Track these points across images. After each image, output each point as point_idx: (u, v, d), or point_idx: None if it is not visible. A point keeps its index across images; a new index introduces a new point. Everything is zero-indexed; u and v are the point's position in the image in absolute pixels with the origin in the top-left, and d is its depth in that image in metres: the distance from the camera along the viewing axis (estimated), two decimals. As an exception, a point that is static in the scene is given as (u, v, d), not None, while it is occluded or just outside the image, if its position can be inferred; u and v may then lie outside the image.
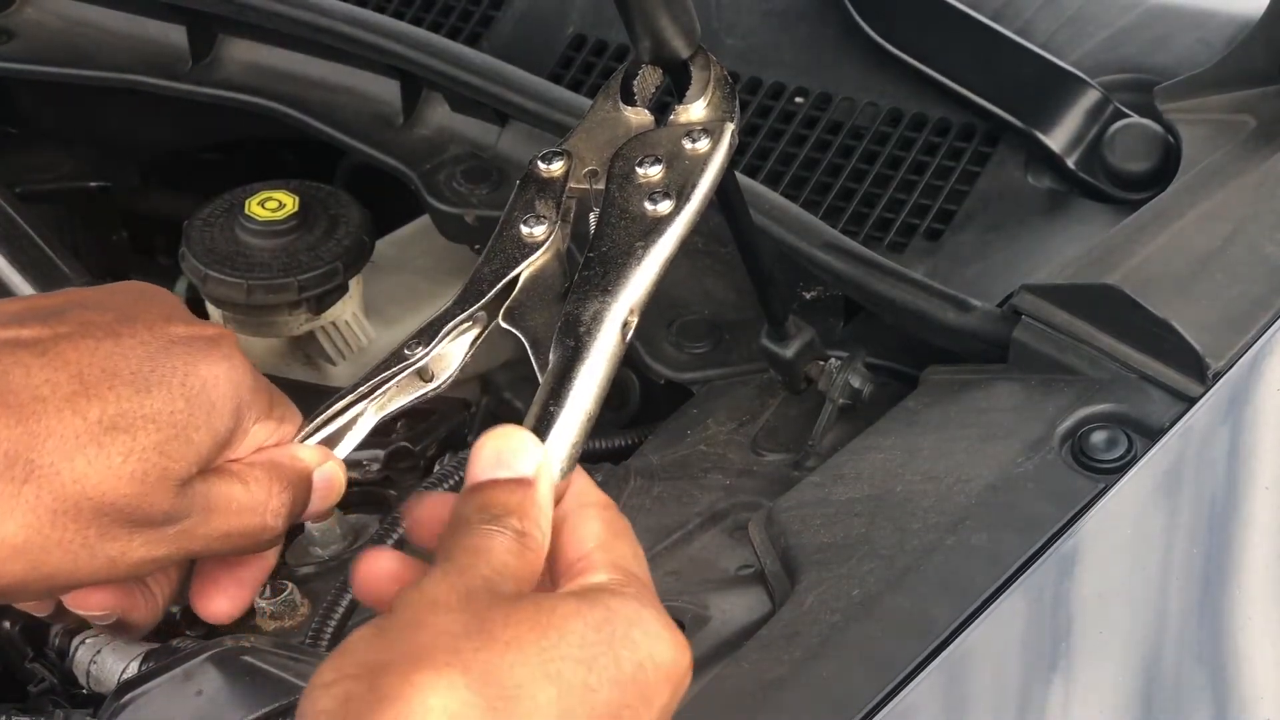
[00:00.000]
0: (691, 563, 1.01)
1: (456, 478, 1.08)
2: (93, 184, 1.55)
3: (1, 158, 1.54)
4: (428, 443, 1.26)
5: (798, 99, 1.34)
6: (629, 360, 1.26)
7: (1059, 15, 1.31)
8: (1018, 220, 1.21)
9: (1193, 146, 1.17)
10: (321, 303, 1.33)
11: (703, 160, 0.83)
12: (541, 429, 0.73)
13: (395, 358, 0.82)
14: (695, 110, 0.86)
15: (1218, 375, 0.95)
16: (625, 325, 0.78)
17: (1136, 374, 0.96)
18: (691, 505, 1.05)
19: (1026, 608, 0.86)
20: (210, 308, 1.36)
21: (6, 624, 1.13)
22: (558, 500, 0.71)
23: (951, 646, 0.83)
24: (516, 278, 0.82)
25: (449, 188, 1.34)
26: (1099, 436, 0.92)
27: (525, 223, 0.83)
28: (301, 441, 0.80)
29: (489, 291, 0.82)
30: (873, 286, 1.10)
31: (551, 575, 0.70)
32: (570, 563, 0.70)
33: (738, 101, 0.87)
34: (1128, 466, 0.91)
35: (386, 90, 1.42)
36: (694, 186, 0.82)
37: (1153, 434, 0.93)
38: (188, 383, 0.73)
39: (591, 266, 0.80)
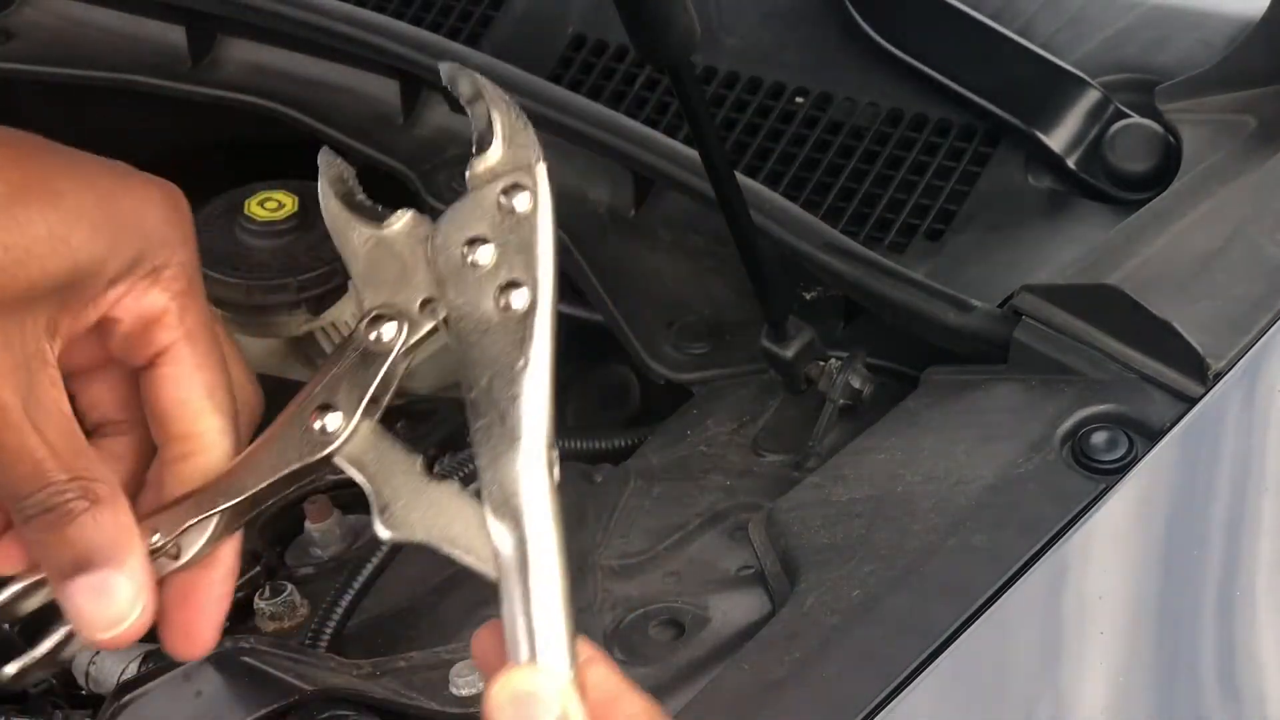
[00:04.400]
0: (691, 563, 1.01)
1: (457, 477, 1.07)
2: (92, 184, 1.55)
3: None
4: (427, 443, 1.26)
5: (798, 99, 1.34)
6: (629, 360, 1.26)
7: (1059, 15, 1.31)
8: (1018, 220, 1.21)
9: (1193, 147, 1.17)
10: (321, 303, 1.33)
11: (530, 221, 0.69)
12: (533, 640, 0.65)
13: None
14: (491, 156, 0.70)
15: (1218, 375, 0.94)
16: (550, 466, 0.68)
17: (1137, 374, 0.96)
18: (691, 506, 1.05)
19: (1026, 608, 0.86)
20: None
21: (5, 624, 1.13)
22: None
23: (952, 647, 0.83)
24: (297, 474, 0.70)
25: (449, 188, 1.34)
26: (1099, 437, 0.92)
27: (319, 412, 0.70)
28: None
29: (253, 488, 0.70)
30: (873, 287, 1.10)
31: None
32: None
33: (533, 132, 0.71)
34: (1128, 467, 0.91)
35: (386, 90, 1.42)
36: (538, 260, 0.68)
37: (1153, 434, 0.93)
38: None
39: (482, 413, 0.68)
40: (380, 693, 0.88)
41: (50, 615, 1.16)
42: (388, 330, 0.70)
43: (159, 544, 0.71)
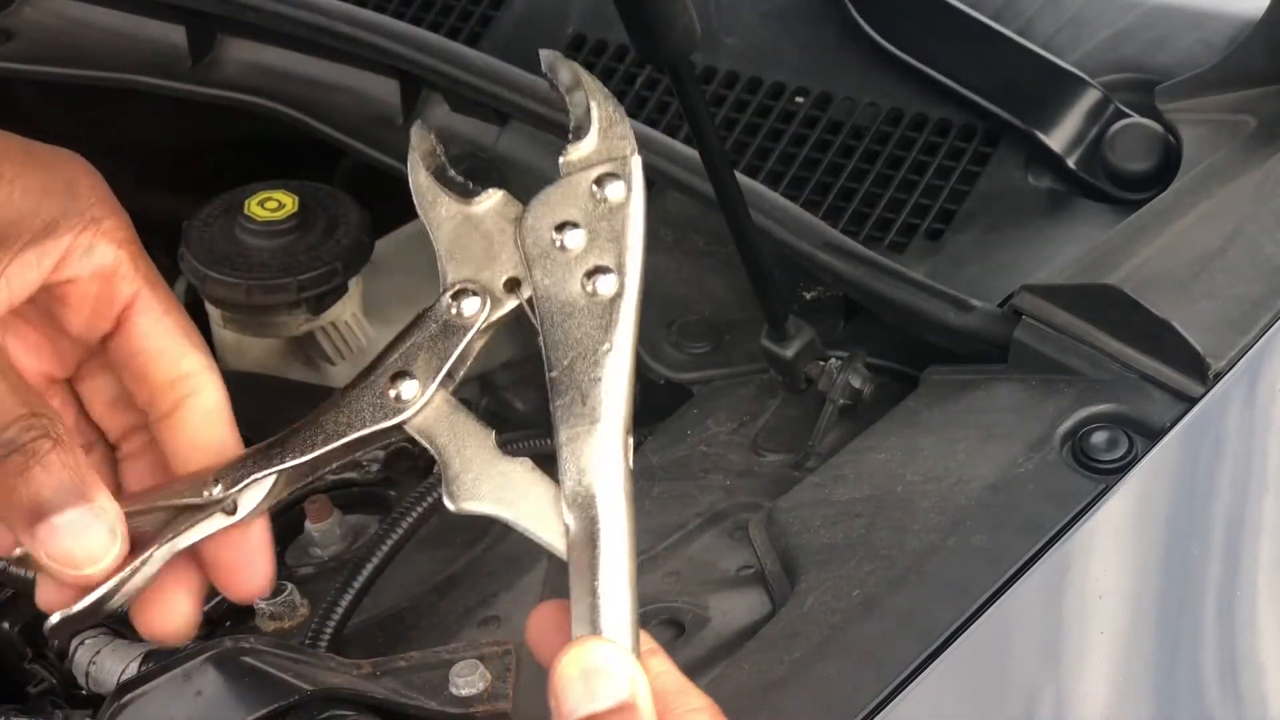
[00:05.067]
0: (692, 563, 1.01)
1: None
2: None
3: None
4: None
5: (798, 99, 1.34)
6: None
7: (1059, 15, 1.31)
8: (1018, 220, 1.21)
9: (1193, 146, 1.17)
10: (321, 303, 1.33)
11: (623, 211, 0.71)
12: (599, 620, 0.67)
13: (193, 494, 0.71)
14: (587, 145, 0.72)
15: (1218, 375, 0.95)
16: (626, 450, 0.70)
17: (1137, 374, 0.96)
18: (692, 506, 1.05)
19: (1026, 608, 0.86)
20: (209, 308, 1.36)
21: (6, 624, 1.13)
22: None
23: (952, 646, 0.83)
24: (369, 438, 0.71)
25: (449, 188, 1.34)
26: (1100, 437, 0.92)
27: (394, 379, 0.71)
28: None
29: (321, 448, 0.71)
30: (873, 286, 1.10)
31: None
32: None
33: (629, 124, 0.73)
34: (1128, 467, 0.91)
35: (386, 90, 1.42)
36: (628, 249, 0.71)
37: (1153, 434, 0.93)
38: None
39: (562, 392, 0.69)
40: (380, 693, 0.88)
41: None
42: (470, 305, 0.71)
43: (219, 497, 0.71)
